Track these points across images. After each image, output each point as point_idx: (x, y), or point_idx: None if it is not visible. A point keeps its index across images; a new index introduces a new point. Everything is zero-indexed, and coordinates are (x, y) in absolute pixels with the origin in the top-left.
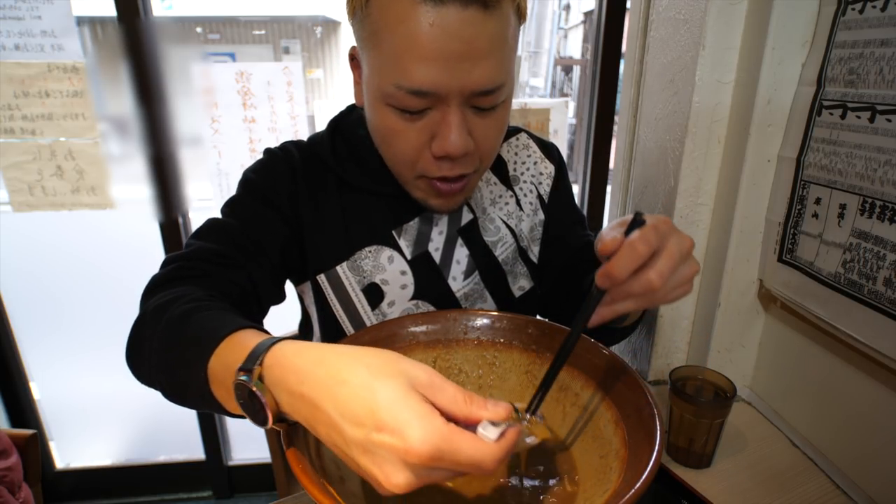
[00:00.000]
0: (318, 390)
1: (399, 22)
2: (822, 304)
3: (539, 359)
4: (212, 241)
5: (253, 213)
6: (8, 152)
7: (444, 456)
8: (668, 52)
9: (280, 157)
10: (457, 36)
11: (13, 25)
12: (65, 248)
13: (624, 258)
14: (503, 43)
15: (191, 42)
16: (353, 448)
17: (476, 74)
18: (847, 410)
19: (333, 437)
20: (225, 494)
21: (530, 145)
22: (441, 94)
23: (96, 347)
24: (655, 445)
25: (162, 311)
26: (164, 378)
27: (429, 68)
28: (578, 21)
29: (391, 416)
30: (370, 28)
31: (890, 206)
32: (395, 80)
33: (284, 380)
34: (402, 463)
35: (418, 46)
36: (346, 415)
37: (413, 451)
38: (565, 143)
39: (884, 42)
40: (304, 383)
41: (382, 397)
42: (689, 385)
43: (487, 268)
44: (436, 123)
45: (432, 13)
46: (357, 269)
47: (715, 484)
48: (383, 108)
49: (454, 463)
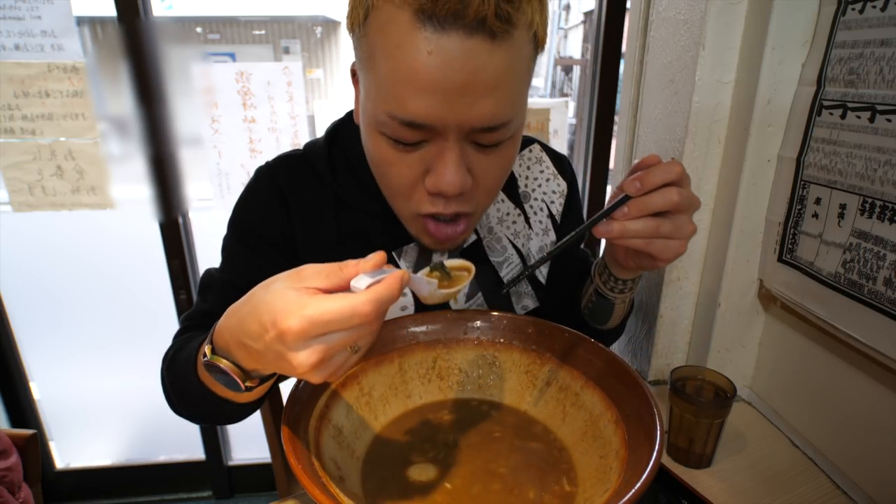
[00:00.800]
0: (235, 332)
1: (395, 46)
2: (822, 304)
3: (539, 359)
4: (209, 300)
5: (242, 261)
6: (8, 152)
7: (316, 319)
8: (668, 52)
9: (269, 182)
10: (458, 67)
11: (13, 25)
12: (65, 248)
13: (659, 170)
14: (512, 76)
15: (191, 42)
16: (267, 356)
17: (477, 110)
18: (847, 410)
19: (266, 359)
20: (225, 494)
21: (543, 159)
22: (438, 128)
23: (96, 347)
24: (655, 445)
25: (165, 358)
26: (190, 405)
27: (425, 100)
28: (578, 21)
29: (269, 316)
30: (367, 49)
31: (890, 206)
32: (389, 109)
33: (225, 342)
34: (289, 347)
35: (414, 75)
36: (251, 334)
37: (288, 330)
38: (565, 143)
39: (884, 42)
40: (232, 333)
41: (262, 310)
42: (689, 385)
43: (491, 289)
44: (431, 157)
45: (432, 40)
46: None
47: (715, 484)
48: (377, 135)
49: (330, 322)
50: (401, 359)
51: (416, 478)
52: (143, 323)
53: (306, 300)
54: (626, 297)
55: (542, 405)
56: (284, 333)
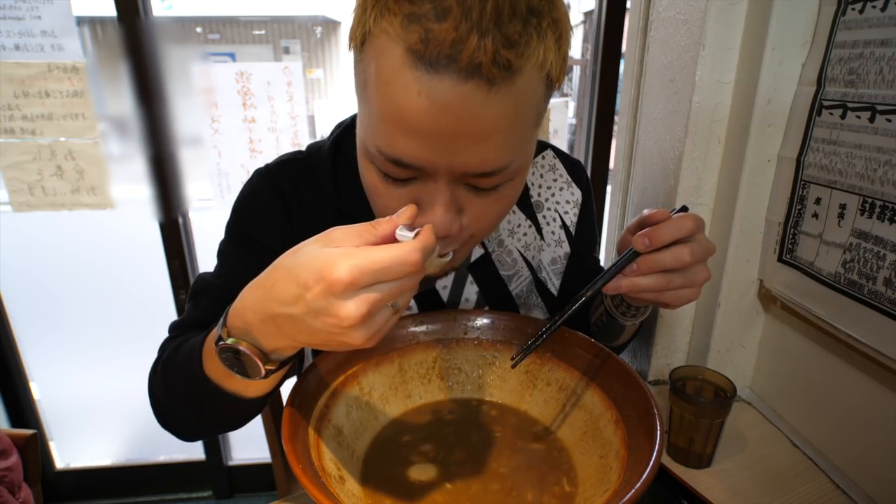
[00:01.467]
0: (264, 305)
1: (386, 82)
2: (821, 304)
3: (539, 359)
4: (202, 307)
5: (239, 266)
6: (8, 152)
7: (366, 268)
8: (668, 52)
9: (269, 185)
10: (449, 112)
11: (13, 25)
12: (65, 248)
13: (668, 227)
14: (513, 122)
15: (191, 42)
16: (308, 320)
17: (469, 156)
18: (847, 410)
19: (298, 327)
20: (225, 494)
21: (557, 167)
22: (427, 170)
23: (96, 347)
24: (655, 445)
25: (157, 364)
26: (186, 409)
27: (413, 141)
28: (578, 21)
29: (310, 273)
30: (361, 75)
31: (890, 206)
32: (377, 144)
33: (246, 322)
34: (338, 299)
35: (402, 115)
36: (287, 301)
37: (337, 280)
38: (565, 143)
39: (884, 42)
40: (256, 310)
41: (299, 268)
42: (689, 385)
43: (499, 303)
44: (421, 195)
45: (423, 81)
46: None
47: (715, 484)
48: (367, 163)
49: (380, 271)
50: (401, 359)
51: (416, 478)
52: (143, 323)
53: (352, 251)
54: (637, 320)
55: (542, 405)
56: (333, 284)
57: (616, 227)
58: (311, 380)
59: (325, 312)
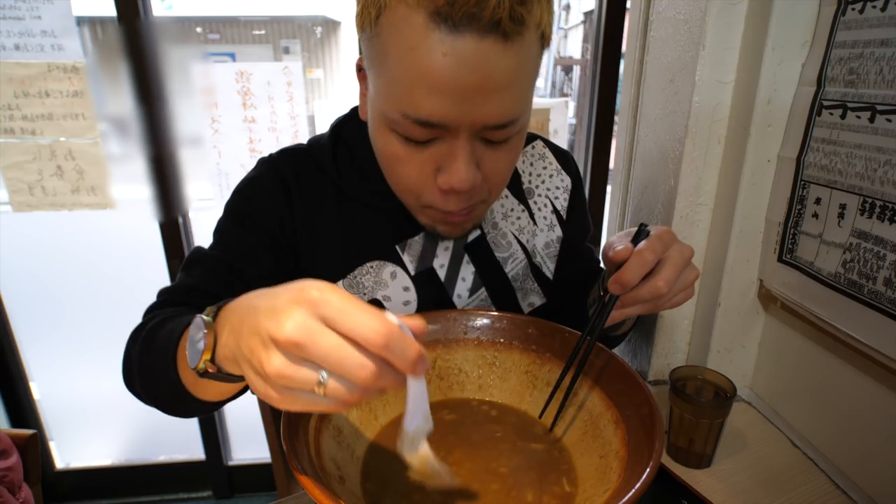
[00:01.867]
0: (252, 297)
1: (409, 48)
2: (822, 304)
3: (539, 359)
4: (194, 275)
5: (235, 241)
6: (8, 152)
7: (333, 302)
8: (668, 52)
9: (270, 172)
10: (472, 68)
11: (13, 25)
12: (65, 248)
13: (634, 266)
14: (522, 75)
15: (191, 42)
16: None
17: (489, 108)
18: (847, 410)
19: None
20: (225, 494)
21: (546, 155)
22: (450, 127)
23: (96, 347)
24: (655, 445)
25: (140, 331)
26: (151, 385)
27: (439, 100)
28: (578, 21)
29: (312, 283)
30: (378, 49)
31: (890, 206)
32: (402, 109)
33: (230, 308)
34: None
35: (429, 76)
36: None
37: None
38: (565, 143)
39: (884, 42)
40: (242, 301)
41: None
42: (689, 385)
43: (495, 284)
44: (442, 155)
45: (447, 42)
46: (357, 286)
47: (715, 484)
48: (387, 132)
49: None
50: None
51: (416, 478)
52: None
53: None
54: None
55: (542, 405)
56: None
57: (616, 227)
58: None
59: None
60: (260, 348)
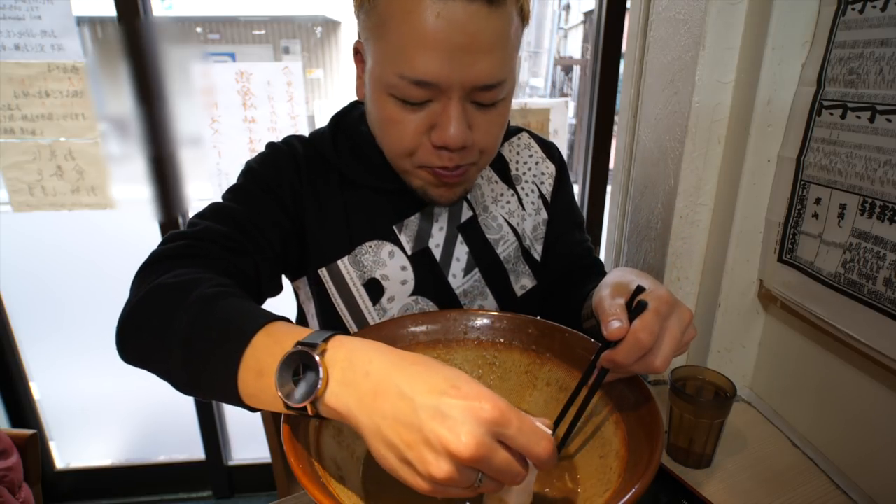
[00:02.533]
0: (389, 370)
1: (406, 13)
2: (822, 304)
3: (539, 359)
4: (220, 223)
5: (256, 201)
6: (8, 152)
7: (513, 422)
8: (668, 52)
9: (283, 150)
10: (461, 29)
11: (13, 25)
12: (65, 248)
13: (629, 348)
14: (506, 40)
15: (191, 42)
16: (423, 412)
17: (478, 68)
18: (847, 410)
19: (402, 411)
20: (225, 494)
21: (532, 145)
22: (443, 86)
23: (96, 347)
24: (655, 445)
25: (187, 289)
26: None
27: (433, 59)
28: (578, 21)
29: (466, 384)
30: (376, 19)
31: (890, 206)
32: (399, 70)
33: (350, 359)
34: (474, 421)
35: (424, 37)
36: (419, 385)
37: (487, 409)
38: (565, 143)
39: (884, 42)
40: (374, 362)
41: (458, 379)
42: (689, 385)
43: (488, 265)
44: (436, 114)
45: (439, 5)
46: (358, 264)
47: (715, 484)
48: (385, 97)
49: (520, 431)
50: None
51: None
52: None
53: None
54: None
55: (543, 405)
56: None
57: (616, 227)
58: None
59: (448, 420)
60: (430, 456)
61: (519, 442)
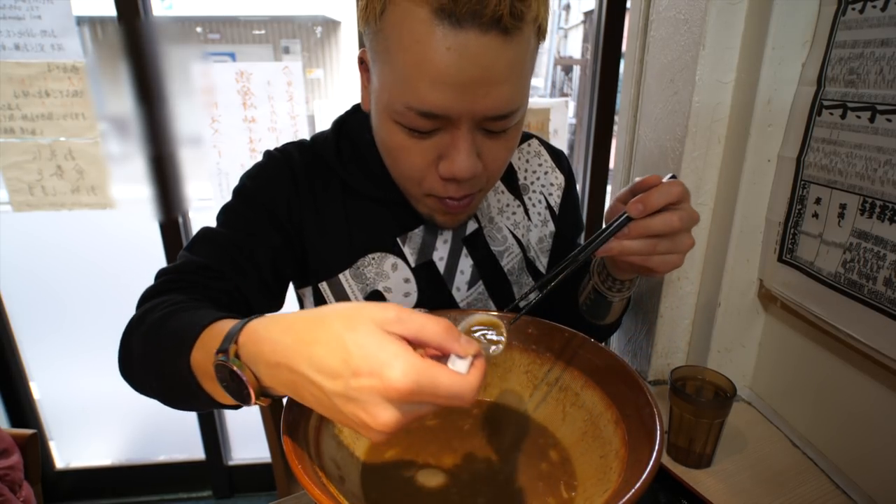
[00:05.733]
0: (291, 355)
1: (414, 42)
2: (821, 303)
3: (539, 359)
4: (201, 254)
5: (245, 222)
6: (8, 152)
7: (424, 389)
8: (668, 52)
9: (279, 160)
10: (474, 61)
11: (13, 25)
12: (65, 247)
13: (660, 192)
14: (521, 67)
15: (191, 42)
16: (336, 399)
17: (490, 100)
18: (847, 410)
19: (316, 396)
20: (225, 494)
21: (541, 153)
22: (452, 118)
23: (96, 347)
24: (655, 445)
25: (143, 319)
26: (154, 382)
27: (442, 92)
28: (578, 21)
29: (365, 361)
30: (383, 43)
31: (890, 206)
32: (406, 101)
33: (260, 353)
34: (385, 401)
35: (433, 69)
36: (323, 370)
37: (393, 387)
38: (565, 143)
39: (884, 42)
40: (278, 352)
41: (353, 345)
42: (689, 385)
43: (492, 278)
44: (444, 145)
45: (450, 36)
46: (360, 277)
47: (715, 484)
48: (391, 124)
49: (434, 395)
50: None
51: (415, 477)
52: None
53: (415, 360)
54: (624, 295)
55: (542, 405)
56: (388, 389)
57: None
58: None
59: (360, 406)
60: (363, 430)
61: (438, 402)
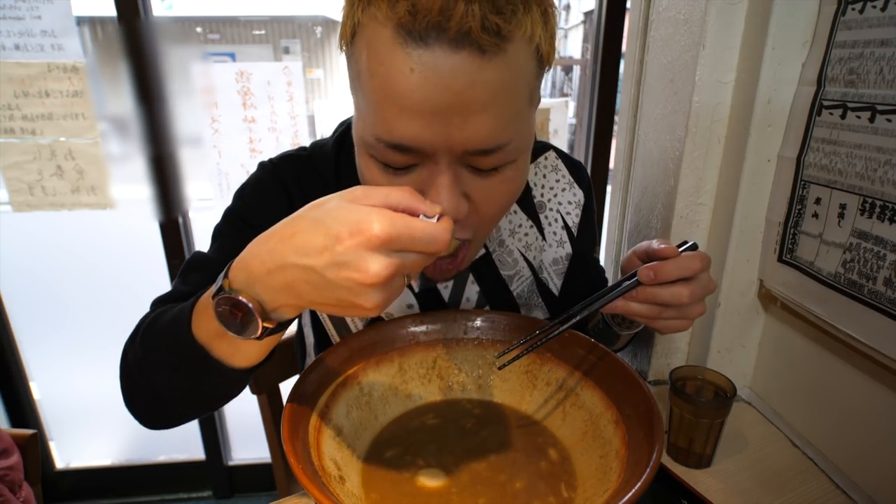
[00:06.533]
0: (277, 255)
1: (378, 64)
2: (821, 304)
3: (539, 359)
4: (192, 282)
5: (237, 247)
6: (8, 152)
7: (403, 234)
8: (668, 52)
9: (273, 175)
10: (444, 85)
11: (13, 25)
12: (65, 247)
13: (675, 266)
14: (508, 94)
15: (191, 42)
16: (328, 272)
17: (469, 131)
18: (847, 410)
19: (310, 280)
20: (225, 494)
21: (559, 167)
22: (427, 152)
23: (96, 347)
24: (655, 445)
25: (136, 333)
26: (161, 375)
27: (410, 121)
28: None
29: (345, 226)
30: (355, 68)
31: (890, 206)
32: (375, 132)
33: (251, 272)
34: (370, 252)
35: (398, 95)
36: (309, 251)
37: (375, 235)
38: (565, 143)
39: (884, 42)
40: (265, 260)
41: (329, 218)
42: (689, 385)
43: (500, 303)
44: (423, 182)
45: (414, 56)
46: None
47: (715, 484)
48: (366, 158)
49: (412, 239)
50: (401, 359)
51: (415, 478)
52: None
53: (389, 213)
54: (632, 332)
55: (542, 405)
56: (370, 239)
57: (616, 227)
58: (312, 380)
59: (350, 266)
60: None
61: (416, 248)
